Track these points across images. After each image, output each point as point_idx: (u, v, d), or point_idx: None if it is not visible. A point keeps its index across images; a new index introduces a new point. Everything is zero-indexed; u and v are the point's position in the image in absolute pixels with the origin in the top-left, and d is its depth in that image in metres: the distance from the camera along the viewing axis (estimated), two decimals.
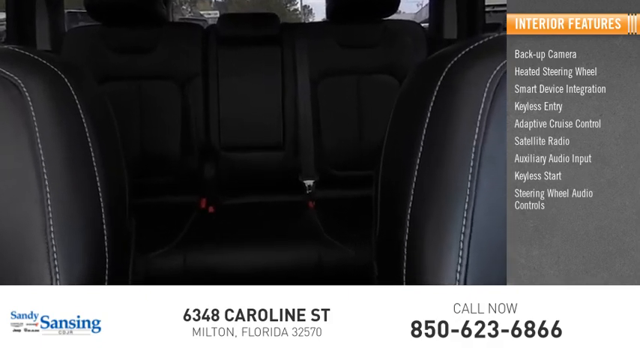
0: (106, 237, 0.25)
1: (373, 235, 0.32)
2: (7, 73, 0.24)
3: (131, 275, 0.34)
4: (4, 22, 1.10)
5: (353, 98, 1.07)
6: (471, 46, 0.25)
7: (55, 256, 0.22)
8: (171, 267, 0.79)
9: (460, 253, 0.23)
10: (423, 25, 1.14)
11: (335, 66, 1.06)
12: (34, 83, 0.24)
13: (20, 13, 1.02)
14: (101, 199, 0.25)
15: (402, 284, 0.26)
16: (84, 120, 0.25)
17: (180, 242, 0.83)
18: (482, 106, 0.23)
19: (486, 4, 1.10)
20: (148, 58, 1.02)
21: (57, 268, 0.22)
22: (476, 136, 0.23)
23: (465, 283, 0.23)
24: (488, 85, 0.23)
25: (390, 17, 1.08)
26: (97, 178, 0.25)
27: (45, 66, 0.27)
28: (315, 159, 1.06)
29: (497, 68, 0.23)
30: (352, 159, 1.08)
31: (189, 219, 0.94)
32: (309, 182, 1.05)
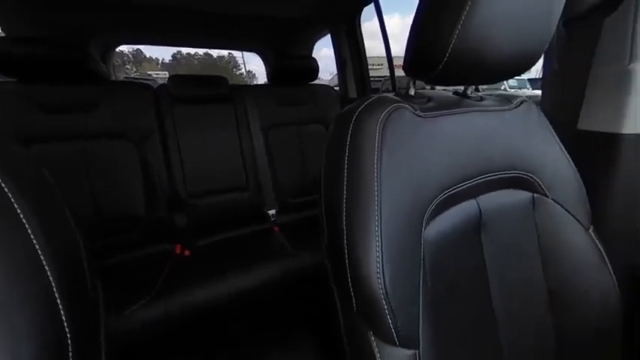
0: (62, 308, 0.23)
1: (323, 242, 0.37)
2: None
3: (104, 337, 0.31)
4: None
5: (296, 143, 1.32)
6: (366, 103, 0.37)
7: None
8: (154, 317, 0.76)
9: (377, 249, 0.31)
10: (335, 88, 1.57)
11: (279, 119, 1.29)
12: None
13: None
14: (49, 273, 0.23)
15: (347, 274, 0.33)
16: (7, 191, 0.22)
17: (160, 290, 0.81)
18: (377, 134, 0.34)
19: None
20: (88, 116, 0.94)
21: None
22: (376, 160, 0.33)
23: (382, 269, 0.30)
24: (379, 124, 0.34)
25: (313, 82, 1.40)
26: (40, 252, 0.22)
27: None
28: (275, 192, 1.27)
29: (383, 114, 0.35)
30: (301, 188, 1.32)
31: (165, 266, 0.94)
32: (272, 211, 1.26)
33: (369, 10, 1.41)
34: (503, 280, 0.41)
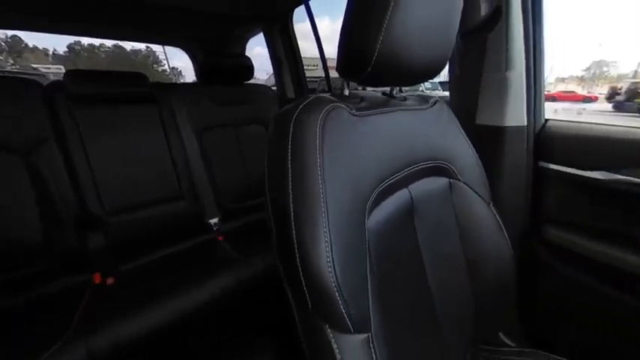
0: None
1: (272, 244, 0.37)
2: None
3: None
4: None
5: (235, 145, 1.25)
6: (305, 103, 0.37)
7: None
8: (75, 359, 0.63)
9: (326, 244, 0.32)
10: (273, 87, 1.56)
11: (215, 120, 1.20)
12: None
13: None
14: None
15: (299, 273, 0.33)
16: None
17: (77, 329, 0.68)
18: (318, 133, 0.35)
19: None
20: None
21: None
22: (318, 158, 0.33)
23: (333, 262, 0.31)
24: (318, 124, 0.35)
25: (249, 82, 1.35)
26: None
27: None
28: (215, 199, 1.17)
29: (322, 114, 0.36)
30: (246, 192, 1.25)
31: (82, 300, 0.78)
32: (214, 220, 1.15)
33: (300, 13, 1.44)
34: (433, 256, 0.47)
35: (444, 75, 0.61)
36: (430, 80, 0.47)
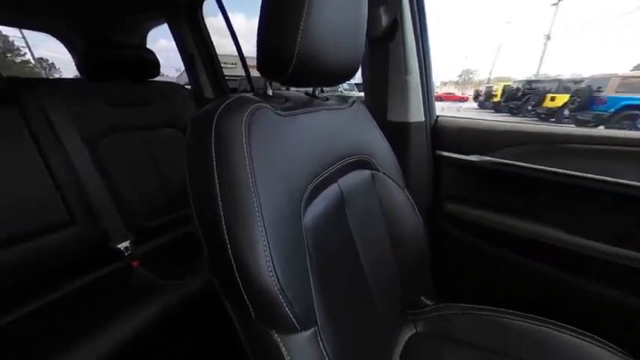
0: None
1: (204, 259, 0.34)
2: None
3: None
4: None
5: (144, 152, 1.05)
6: (227, 103, 0.35)
7: None
8: None
9: (265, 248, 0.30)
10: (187, 86, 1.40)
11: (114, 124, 0.98)
12: None
13: None
14: None
15: (238, 283, 0.30)
16: None
17: None
18: (243, 135, 0.33)
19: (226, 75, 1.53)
20: None
21: None
22: (247, 160, 0.31)
23: (274, 266, 0.30)
24: (243, 124, 0.33)
25: (155, 79, 1.16)
26: None
27: None
28: (123, 219, 0.95)
29: (246, 114, 0.34)
30: (161, 206, 1.07)
31: None
32: (124, 244, 0.93)
33: (211, 6, 1.33)
34: (364, 241, 0.52)
35: (358, 77, 0.68)
36: (347, 82, 0.51)
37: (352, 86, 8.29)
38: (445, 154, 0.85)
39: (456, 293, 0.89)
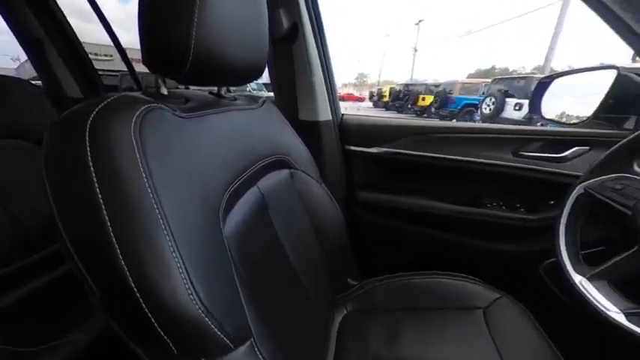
0: None
1: (94, 301, 0.28)
2: None
3: None
4: None
5: None
6: (105, 103, 0.28)
7: None
8: None
9: (180, 270, 0.25)
10: (36, 83, 1.05)
11: None
12: None
13: None
14: None
15: (146, 313, 0.25)
16: None
17: None
18: (134, 140, 0.27)
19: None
20: None
21: None
22: (143, 171, 0.26)
23: (194, 288, 0.26)
24: (133, 129, 0.27)
25: None
26: None
27: None
28: None
29: (135, 116, 0.28)
30: (12, 247, 0.78)
31: None
32: None
33: None
34: (291, 239, 0.53)
35: (265, 77, 0.67)
36: (255, 81, 0.50)
37: (260, 86, 8.14)
38: (353, 148, 0.95)
39: (375, 269, 1.02)
